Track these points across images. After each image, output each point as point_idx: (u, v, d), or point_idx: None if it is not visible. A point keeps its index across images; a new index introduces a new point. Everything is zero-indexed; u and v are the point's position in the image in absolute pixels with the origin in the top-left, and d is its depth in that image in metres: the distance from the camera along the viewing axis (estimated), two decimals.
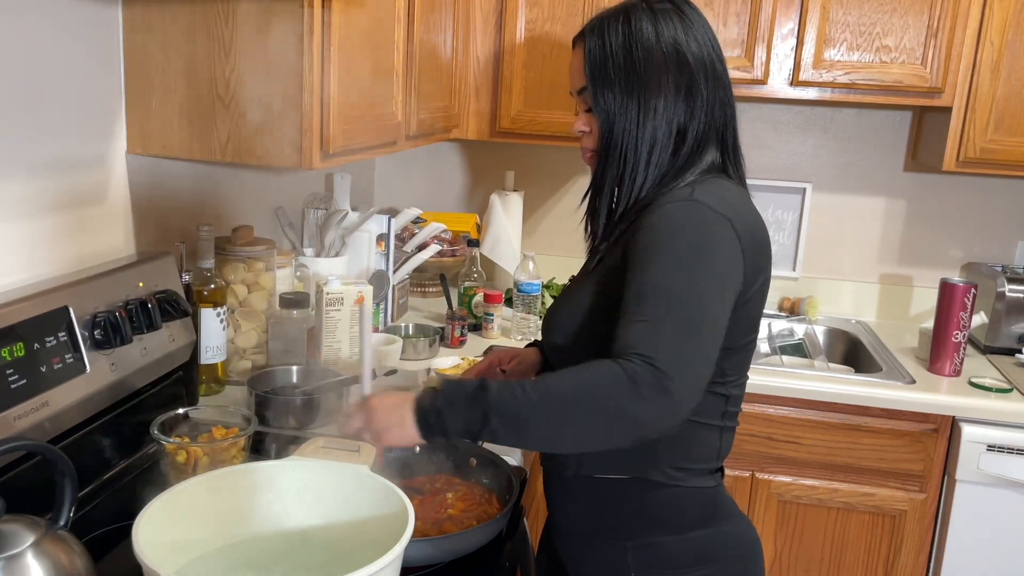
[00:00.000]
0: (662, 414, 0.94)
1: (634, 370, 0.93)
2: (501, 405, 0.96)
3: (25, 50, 1.26)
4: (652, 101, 1.12)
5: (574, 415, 0.96)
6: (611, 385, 0.94)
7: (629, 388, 0.93)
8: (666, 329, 0.96)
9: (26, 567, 0.83)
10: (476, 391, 0.98)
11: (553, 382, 0.97)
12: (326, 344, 1.75)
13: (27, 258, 1.31)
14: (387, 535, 0.90)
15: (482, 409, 0.97)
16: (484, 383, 0.99)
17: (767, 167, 2.63)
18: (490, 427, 0.97)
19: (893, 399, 2.02)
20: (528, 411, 0.96)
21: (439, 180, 2.82)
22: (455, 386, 1.01)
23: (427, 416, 1.01)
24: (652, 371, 0.93)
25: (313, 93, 1.34)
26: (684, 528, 1.16)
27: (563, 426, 0.97)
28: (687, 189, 1.10)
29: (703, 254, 1.03)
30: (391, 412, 1.03)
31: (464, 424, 0.98)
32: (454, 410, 0.99)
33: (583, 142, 1.22)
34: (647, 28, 1.12)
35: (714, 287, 1.02)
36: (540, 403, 0.96)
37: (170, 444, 1.26)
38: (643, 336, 0.96)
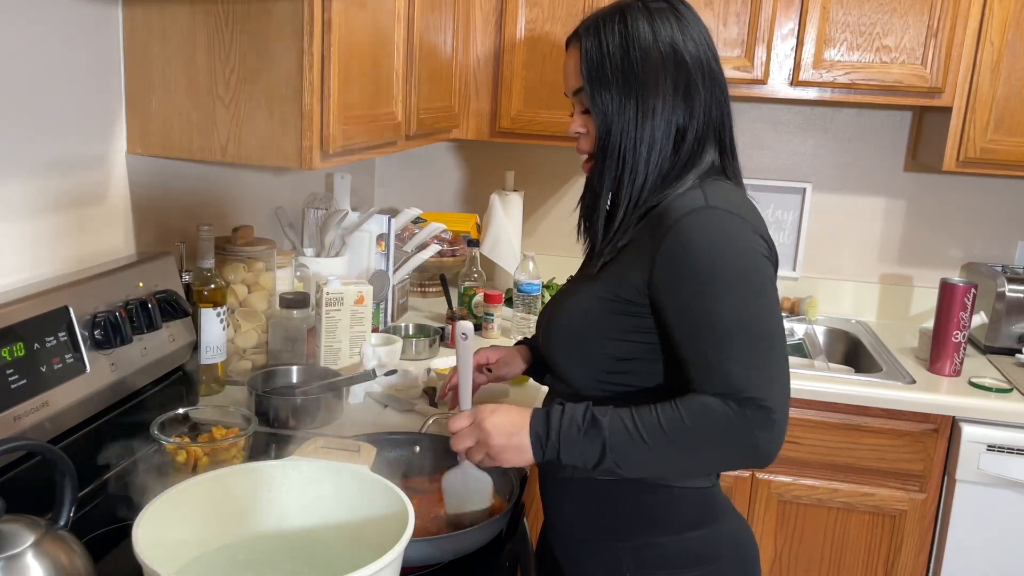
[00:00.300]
0: (774, 444, 1.03)
1: (743, 412, 1.01)
2: (616, 444, 1.03)
3: (25, 50, 1.26)
4: (651, 101, 1.11)
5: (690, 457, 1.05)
6: (724, 428, 1.02)
7: (742, 426, 1.01)
8: (758, 363, 1.03)
9: (26, 567, 0.83)
10: (590, 428, 1.04)
11: (664, 423, 1.03)
12: (326, 344, 1.75)
13: (27, 258, 1.31)
14: (387, 535, 0.90)
15: (599, 448, 1.04)
16: (595, 417, 1.05)
17: (767, 167, 2.63)
18: (606, 463, 1.04)
19: (893, 399, 2.02)
20: (643, 453, 1.03)
21: (439, 180, 2.82)
22: (567, 419, 1.06)
23: (544, 448, 1.07)
24: (760, 411, 1.01)
25: (313, 93, 1.34)
26: (680, 529, 1.16)
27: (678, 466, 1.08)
28: (697, 193, 1.09)
29: (749, 269, 1.05)
30: (508, 438, 1.09)
31: (581, 458, 1.06)
32: (570, 445, 1.05)
33: (579, 144, 1.21)
34: (644, 28, 1.12)
35: (769, 298, 1.06)
36: (654, 446, 1.03)
37: (170, 444, 1.26)
38: (742, 376, 1.02)
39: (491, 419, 1.10)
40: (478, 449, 1.12)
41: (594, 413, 1.05)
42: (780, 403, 1.02)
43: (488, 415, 1.11)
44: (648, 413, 1.03)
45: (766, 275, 1.06)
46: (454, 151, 2.80)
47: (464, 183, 2.82)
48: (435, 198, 2.82)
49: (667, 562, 1.16)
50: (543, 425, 1.07)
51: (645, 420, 1.03)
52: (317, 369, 1.69)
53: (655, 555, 1.16)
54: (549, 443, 1.06)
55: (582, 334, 1.16)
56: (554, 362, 1.22)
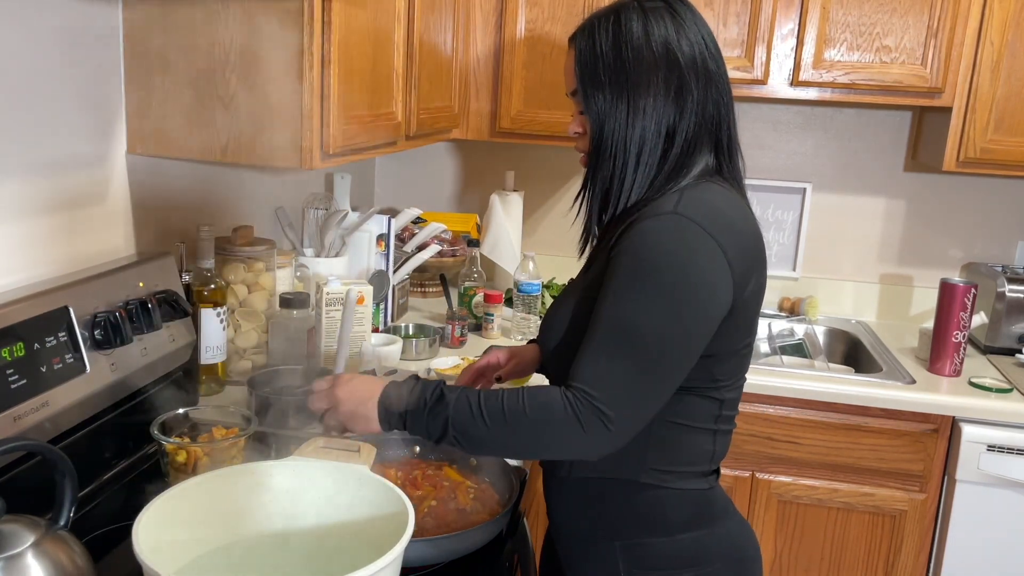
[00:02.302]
0: (598, 447, 1.03)
1: (580, 410, 1.01)
2: (458, 422, 1.06)
3: (25, 50, 1.26)
4: (641, 101, 1.11)
5: (520, 441, 1.06)
6: (557, 421, 1.02)
7: (573, 427, 1.02)
8: (620, 372, 1.03)
9: (26, 567, 0.83)
10: (436, 404, 1.07)
11: (506, 407, 1.05)
12: (326, 344, 1.75)
13: (27, 258, 1.31)
14: (387, 535, 0.90)
15: (441, 423, 1.06)
16: (443, 395, 1.08)
17: (767, 167, 2.63)
18: (448, 438, 1.07)
19: (893, 399, 2.02)
20: (483, 433, 1.05)
21: (439, 180, 2.82)
22: (417, 392, 1.09)
23: (390, 418, 1.10)
24: (596, 412, 1.01)
25: (313, 93, 1.34)
26: (673, 530, 1.15)
27: (512, 449, 1.11)
28: (673, 197, 1.09)
29: (681, 284, 1.03)
30: (357, 404, 1.12)
31: (425, 431, 1.08)
32: (416, 418, 1.08)
33: (577, 144, 1.21)
34: (637, 28, 1.11)
35: (690, 319, 1.04)
36: (492, 427, 1.04)
37: (170, 444, 1.26)
38: (597, 374, 1.03)
39: (345, 386, 1.14)
40: (331, 414, 1.15)
41: (443, 390, 1.08)
42: (621, 413, 1.01)
43: (344, 382, 1.14)
44: (495, 397, 1.06)
45: (702, 296, 1.04)
46: (454, 151, 2.80)
47: (464, 183, 2.82)
48: (435, 198, 2.82)
49: (660, 562, 1.16)
50: (392, 396, 1.10)
51: (491, 403, 1.05)
52: (317, 369, 1.69)
53: (649, 555, 1.16)
54: (395, 414, 1.09)
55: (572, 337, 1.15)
56: (553, 365, 1.22)
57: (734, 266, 1.06)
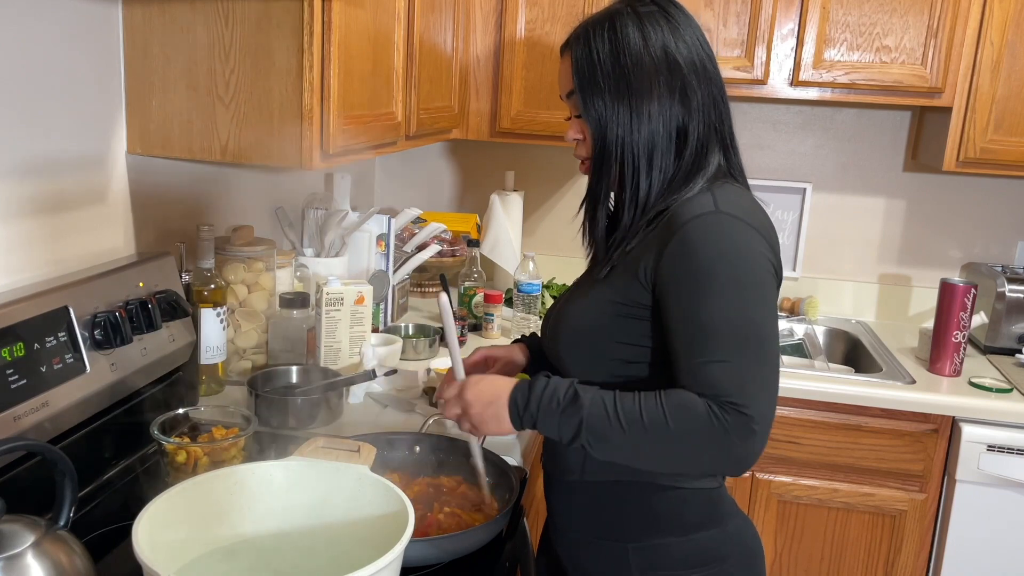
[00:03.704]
0: (751, 454, 1.02)
1: (725, 418, 1.00)
2: (593, 426, 1.04)
3: (25, 50, 1.26)
4: (645, 107, 1.10)
5: (662, 451, 1.03)
6: (704, 432, 1.00)
7: (722, 435, 1.00)
8: (744, 371, 1.01)
9: (26, 567, 0.83)
10: (569, 404, 1.05)
11: (646, 415, 1.02)
12: (326, 344, 1.75)
13: (27, 258, 1.31)
14: (387, 535, 0.90)
15: (575, 425, 1.04)
16: (576, 394, 1.05)
17: (767, 167, 2.63)
18: (580, 441, 1.05)
19: (893, 399, 2.02)
20: (619, 438, 1.03)
21: (439, 180, 2.82)
22: (549, 392, 1.07)
23: (522, 418, 1.09)
24: (741, 419, 1.00)
25: (313, 93, 1.34)
26: (687, 529, 1.16)
27: (651, 459, 1.06)
28: (707, 197, 1.09)
29: (751, 276, 1.04)
30: (487, 407, 1.11)
31: (557, 433, 1.07)
32: (548, 418, 1.06)
33: (577, 150, 1.20)
34: (634, 34, 1.11)
35: (768, 307, 1.05)
36: (630, 434, 1.02)
37: (170, 444, 1.26)
38: (723, 380, 1.01)
39: (474, 388, 1.13)
40: (463, 418, 1.14)
41: (576, 390, 1.06)
42: (763, 414, 1.01)
43: (472, 384, 1.13)
44: (631, 400, 1.04)
45: (766, 284, 1.06)
46: (454, 151, 2.80)
47: (464, 183, 2.82)
48: (435, 198, 2.82)
49: (674, 563, 1.16)
50: (524, 395, 1.08)
51: (626, 406, 1.03)
52: (317, 369, 1.69)
53: (662, 556, 1.16)
54: (527, 413, 1.08)
55: (591, 338, 1.15)
56: (561, 364, 1.21)
57: (773, 260, 1.09)
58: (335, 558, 1.02)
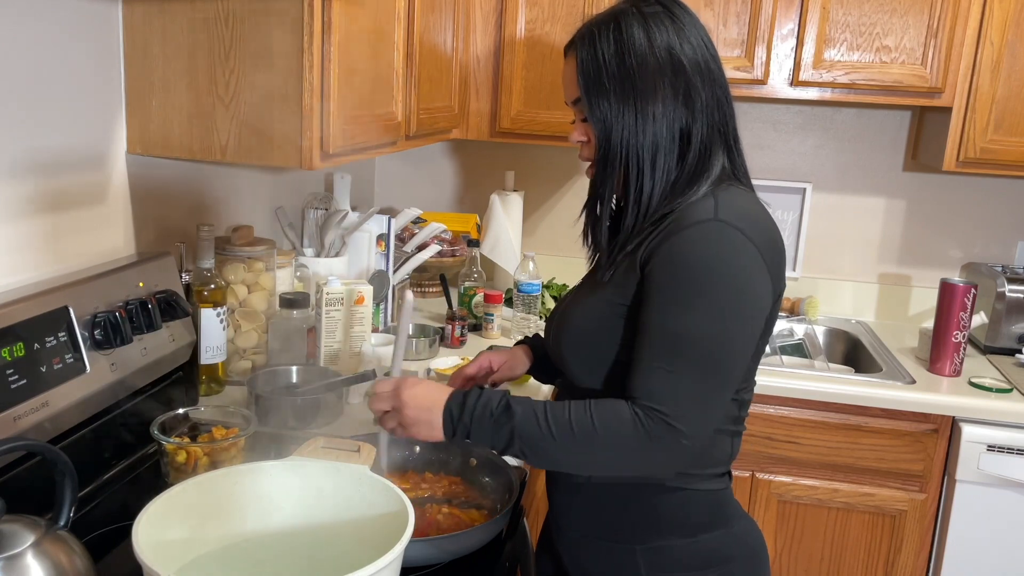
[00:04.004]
0: (673, 463, 1.05)
1: (651, 426, 1.01)
2: (525, 434, 1.05)
3: (25, 49, 1.26)
4: (650, 108, 1.10)
5: (591, 457, 1.05)
6: (627, 437, 1.02)
7: (646, 442, 1.01)
8: (688, 383, 1.02)
9: (26, 567, 0.83)
10: (501, 415, 1.06)
11: (574, 421, 1.04)
12: (326, 344, 1.75)
13: (27, 258, 1.31)
14: (387, 535, 0.90)
15: (507, 433, 1.06)
16: (510, 406, 1.07)
17: (767, 167, 2.63)
18: (513, 450, 1.07)
19: (893, 399, 2.02)
20: (549, 445, 1.04)
21: (439, 180, 2.82)
22: (482, 403, 1.08)
23: (455, 426, 1.09)
24: (669, 429, 1.01)
25: (313, 93, 1.34)
26: (694, 531, 1.15)
27: (580, 464, 1.09)
28: (708, 202, 1.08)
29: (732, 290, 1.03)
30: (421, 411, 1.11)
31: (490, 442, 1.08)
32: (481, 428, 1.07)
33: (582, 152, 1.20)
34: (639, 35, 1.10)
35: (742, 324, 1.04)
36: (561, 440, 1.04)
37: (170, 444, 1.26)
38: (665, 388, 1.02)
39: (410, 390, 1.13)
40: (392, 416, 1.14)
41: (509, 401, 1.07)
42: (693, 429, 1.01)
43: (409, 386, 1.13)
44: (562, 409, 1.05)
45: (748, 303, 1.05)
46: (454, 151, 2.80)
47: (464, 183, 2.82)
48: (435, 198, 2.82)
49: (681, 564, 1.16)
50: (458, 405, 1.09)
51: (557, 416, 1.04)
52: (317, 369, 1.69)
53: (669, 557, 1.16)
54: (460, 423, 1.08)
55: (594, 341, 1.15)
56: (565, 366, 1.21)
57: (771, 271, 1.08)
58: (335, 558, 1.02)
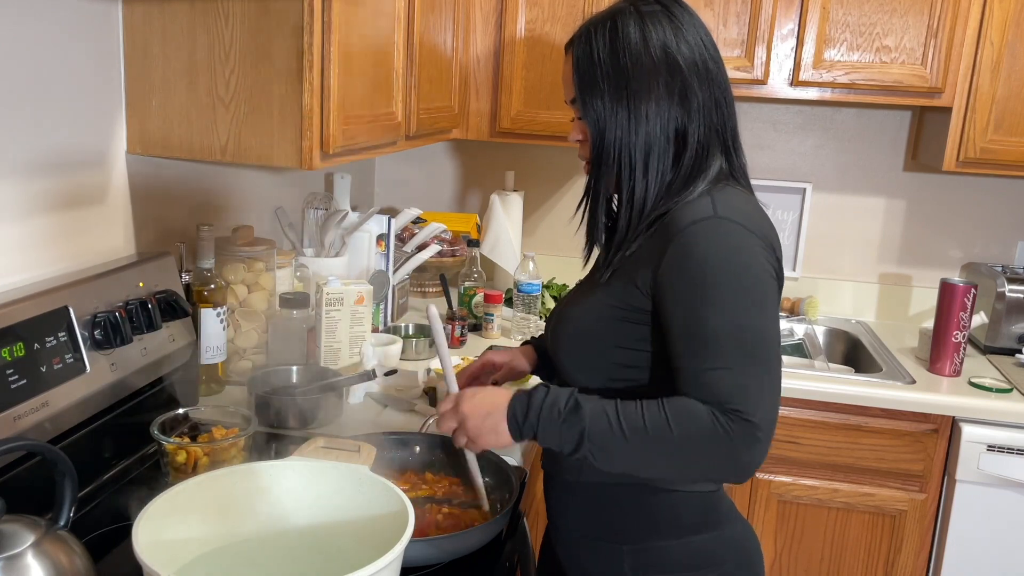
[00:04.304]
0: (755, 460, 1.01)
1: (729, 425, 0.99)
2: (595, 434, 1.02)
3: (25, 49, 1.26)
4: (643, 107, 1.09)
5: (664, 459, 1.03)
6: (708, 439, 0.99)
7: (727, 441, 0.99)
8: (746, 378, 1.01)
9: (26, 567, 0.83)
10: (570, 414, 1.03)
11: (648, 419, 1.01)
12: (326, 344, 1.75)
13: (27, 258, 1.31)
14: (387, 535, 0.90)
15: (577, 435, 1.03)
16: (578, 404, 1.04)
17: (767, 167, 2.63)
18: (582, 452, 1.03)
19: (893, 399, 2.02)
20: (621, 447, 1.02)
21: (439, 180, 2.82)
22: (549, 402, 1.05)
23: (522, 429, 1.06)
24: (745, 426, 0.99)
25: (313, 93, 1.34)
26: (683, 532, 1.15)
27: (650, 466, 1.05)
28: (705, 201, 1.08)
29: (750, 281, 1.03)
30: (484, 419, 1.08)
31: (558, 443, 1.05)
32: (549, 428, 1.04)
33: (580, 151, 1.20)
34: (634, 33, 1.10)
35: (767, 313, 1.05)
36: (633, 440, 1.01)
37: (170, 444, 1.26)
38: (726, 387, 1.00)
39: (470, 400, 1.10)
40: (460, 432, 1.12)
41: (578, 399, 1.04)
42: (766, 420, 1.00)
43: (468, 396, 1.11)
44: (633, 409, 1.02)
45: (766, 290, 1.05)
46: (454, 151, 2.80)
47: (464, 183, 2.82)
48: (435, 198, 2.82)
49: (669, 566, 1.15)
50: (523, 406, 1.06)
51: (629, 415, 1.02)
52: (317, 369, 1.69)
53: (657, 558, 1.16)
54: (527, 423, 1.06)
55: (590, 342, 1.15)
56: (562, 368, 1.21)
57: (774, 264, 1.08)
58: (335, 558, 1.02)
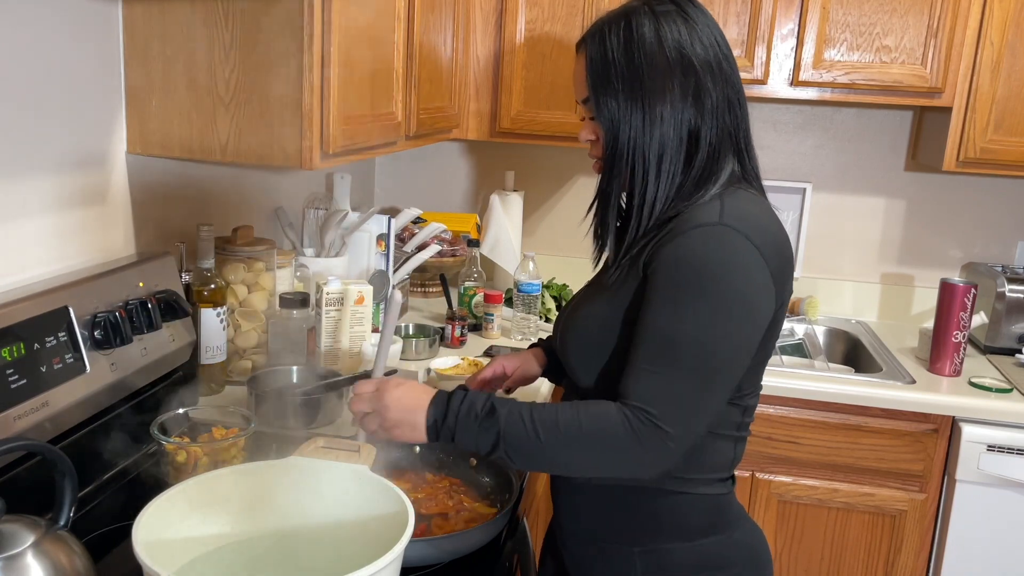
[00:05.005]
0: (658, 464, 1.03)
1: (639, 428, 1.00)
2: (510, 436, 1.04)
3: (25, 49, 1.26)
4: (657, 107, 1.08)
5: (577, 458, 1.05)
6: (614, 437, 1.01)
7: (631, 444, 1.01)
8: (677, 387, 1.02)
9: (26, 567, 0.83)
10: (486, 418, 1.05)
11: (561, 421, 1.03)
12: (326, 344, 1.75)
13: (27, 258, 1.31)
14: (387, 535, 0.90)
15: (493, 436, 1.04)
16: (494, 408, 1.05)
17: (767, 167, 2.62)
18: (498, 453, 1.05)
19: (893, 399, 2.02)
20: (535, 447, 1.03)
21: (439, 180, 2.82)
22: (467, 405, 1.06)
23: (439, 428, 1.08)
24: (655, 430, 1.00)
25: (313, 93, 1.34)
26: (693, 535, 1.15)
27: (565, 465, 1.08)
28: (714, 206, 1.07)
29: (729, 295, 1.02)
30: (404, 413, 1.09)
31: (474, 445, 1.06)
32: (466, 431, 1.06)
33: (591, 151, 1.18)
34: (649, 32, 1.09)
35: (737, 328, 1.03)
36: (546, 442, 1.03)
37: (170, 444, 1.26)
38: (653, 391, 1.02)
39: (393, 391, 1.10)
40: (373, 418, 1.11)
41: (494, 403, 1.05)
42: (683, 433, 1.01)
43: (392, 387, 1.11)
44: (549, 411, 1.04)
45: (746, 306, 1.03)
46: (454, 151, 2.80)
47: (464, 183, 2.82)
48: (435, 198, 2.82)
49: (679, 568, 1.15)
50: (441, 407, 1.07)
51: (544, 417, 1.03)
52: (317, 369, 1.69)
53: (667, 561, 1.15)
54: (444, 425, 1.07)
55: (598, 343, 1.14)
56: (572, 370, 1.21)
57: (775, 277, 1.06)
58: (335, 558, 1.02)
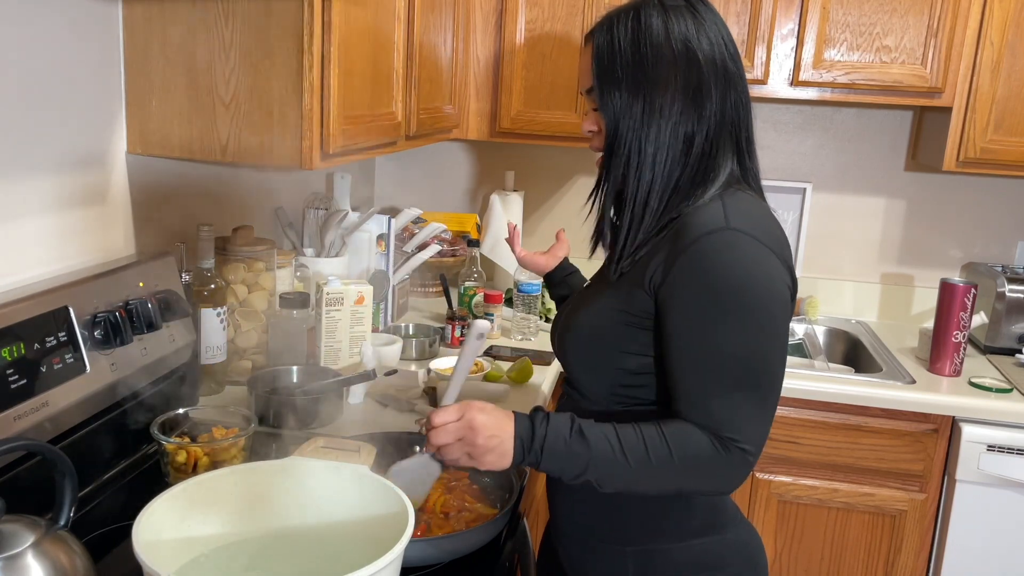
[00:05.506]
0: (741, 480, 1.06)
1: (728, 455, 1.03)
2: (600, 465, 1.03)
3: (25, 49, 1.26)
4: (659, 100, 1.08)
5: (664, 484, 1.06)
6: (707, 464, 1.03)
7: (723, 468, 1.03)
8: (747, 406, 1.03)
9: (26, 567, 0.83)
10: (575, 443, 1.03)
11: (650, 447, 1.03)
12: (326, 344, 1.75)
13: (27, 258, 1.31)
14: (387, 535, 0.90)
15: (581, 465, 1.03)
16: (583, 433, 1.03)
17: (767, 167, 2.63)
18: (584, 479, 1.04)
19: (893, 399, 2.02)
20: (624, 472, 1.03)
21: (439, 180, 2.82)
22: (553, 430, 1.04)
23: (525, 455, 1.05)
24: (740, 453, 1.03)
25: (313, 93, 1.34)
26: (687, 535, 1.15)
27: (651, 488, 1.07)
28: (717, 208, 1.07)
29: (762, 303, 1.03)
30: (492, 440, 1.05)
31: (560, 471, 1.05)
32: (553, 456, 1.04)
33: (592, 143, 1.19)
34: (657, 25, 1.09)
35: (777, 336, 1.05)
36: (636, 467, 1.03)
37: (170, 444, 1.26)
38: (729, 416, 1.03)
39: (480, 417, 1.05)
40: (459, 447, 1.06)
41: (581, 427, 1.04)
42: (758, 446, 1.04)
43: (478, 412, 1.06)
44: (634, 436, 1.03)
45: (779, 308, 1.04)
46: (454, 151, 2.80)
47: (464, 183, 2.82)
48: (435, 198, 2.82)
49: (673, 568, 1.15)
50: (527, 431, 1.05)
51: (631, 443, 1.02)
52: (317, 369, 1.69)
53: (660, 561, 1.15)
54: (532, 451, 1.04)
55: (597, 347, 1.14)
56: (569, 371, 1.21)
57: (788, 279, 1.07)
58: (335, 558, 1.02)
